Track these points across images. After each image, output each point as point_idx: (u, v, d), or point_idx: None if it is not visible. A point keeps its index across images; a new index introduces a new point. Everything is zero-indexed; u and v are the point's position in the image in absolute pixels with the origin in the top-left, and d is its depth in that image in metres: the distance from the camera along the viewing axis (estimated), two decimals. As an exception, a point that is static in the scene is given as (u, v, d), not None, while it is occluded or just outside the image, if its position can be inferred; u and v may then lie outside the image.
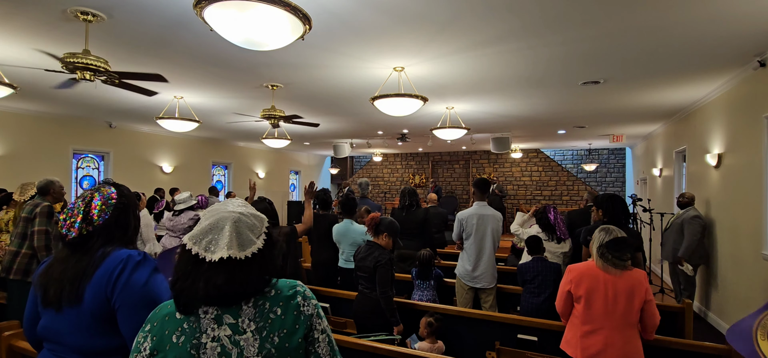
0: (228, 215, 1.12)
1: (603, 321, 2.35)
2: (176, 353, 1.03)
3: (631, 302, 2.35)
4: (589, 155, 13.29)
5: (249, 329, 1.07)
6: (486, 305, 3.94)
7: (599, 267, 2.41)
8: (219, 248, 1.07)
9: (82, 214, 1.43)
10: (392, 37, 3.66)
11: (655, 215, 7.30)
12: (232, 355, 1.04)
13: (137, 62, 4.37)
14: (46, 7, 3.13)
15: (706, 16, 3.16)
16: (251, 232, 1.13)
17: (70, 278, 1.37)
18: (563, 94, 5.70)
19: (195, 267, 1.06)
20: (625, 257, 2.38)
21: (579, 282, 2.43)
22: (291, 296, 1.14)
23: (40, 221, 3.52)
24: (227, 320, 1.06)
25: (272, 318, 1.09)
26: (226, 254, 1.06)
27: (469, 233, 3.95)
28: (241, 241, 1.10)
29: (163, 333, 1.06)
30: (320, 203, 4.74)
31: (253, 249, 1.11)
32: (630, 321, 2.36)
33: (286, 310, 1.11)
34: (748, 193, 4.47)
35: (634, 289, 2.36)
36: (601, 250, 2.41)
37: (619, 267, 2.38)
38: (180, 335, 1.05)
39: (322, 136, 10.60)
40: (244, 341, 1.05)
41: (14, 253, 3.51)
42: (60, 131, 7.89)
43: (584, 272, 2.45)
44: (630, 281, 2.37)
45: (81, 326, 1.35)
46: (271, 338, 1.07)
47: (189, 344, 1.04)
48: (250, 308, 1.09)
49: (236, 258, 1.07)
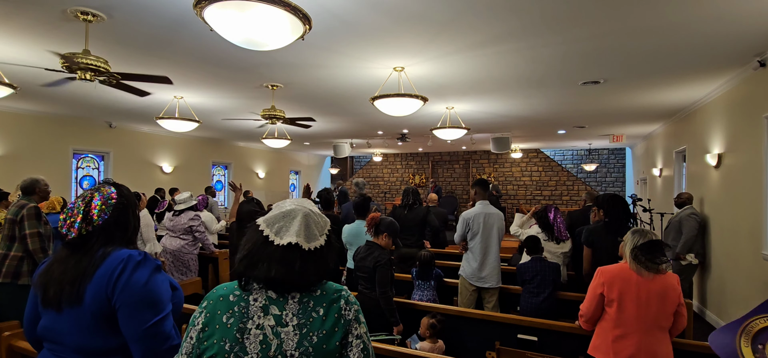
0: (300, 208, 1.20)
1: (635, 325, 2.29)
2: (223, 333, 1.10)
3: (664, 305, 2.29)
4: (589, 155, 13.29)
5: (291, 323, 1.12)
6: (489, 306, 3.93)
7: (632, 269, 2.34)
8: (288, 233, 1.15)
9: (82, 214, 1.43)
10: (392, 37, 3.66)
11: (655, 215, 7.31)
12: (272, 345, 1.09)
13: (137, 62, 4.37)
14: (46, 7, 3.13)
15: (705, 16, 3.16)
16: (317, 229, 1.21)
17: (70, 279, 1.37)
18: (563, 94, 5.70)
19: (262, 247, 1.14)
20: (660, 259, 2.31)
21: (611, 285, 2.36)
22: (335, 298, 1.18)
23: (29, 224, 3.44)
24: (273, 311, 1.12)
25: (314, 317, 1.14)
26: (294, 240, 1.14)
27: (476, 233, 3.90)
28: (308, 234, 1.18)
29: (215, 312, 1.13)
30: (322, 202, 4.73)
31: (317, 244, 1.18)
32: (662, 325, 2.30)
33: (328, 312, 1.15)
34: (748, 193, 4.47)
35: (667, 292, 2.30)
36: (635, 252, 2.33)
37: (653, 270, 2.30)
38: (229, 317, 1.11)
39: (322, 136, 10.60)
40: (284, 334, 1.10)
41: (2, 255, 3.44)
42: (60, 131, 7.89)
43: (616, 274, 2.38)
44: (663, 284, 2.31)
45: (81, 326, 1.35)
46: (310, 336, 1.11)
47: (235, 328, 1.10)
48: (295, 303, 1.14)
49: (301, 247, 1.14)
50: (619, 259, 2.60)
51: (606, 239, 3.38)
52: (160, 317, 1.38)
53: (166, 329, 1.39)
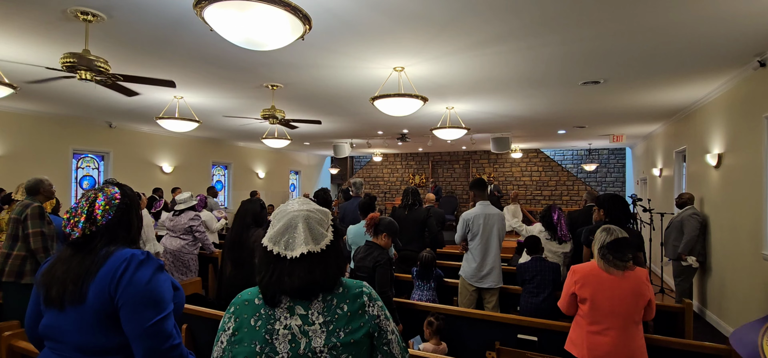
0: (298, 214, 1.22)
1: (610, 321, 2.35)
2: (253, 336, 1.14)
3: (636, 301, 2.35)
4: (589, 155, 13.29)
5: (317, 322, 1.15)
6: (489, 306, 3.93)
7: (601, 268, 2.42)
8: (297, 245, 1.18)
9: (86, 214, 1.43)
10: (392, 37, 3.65)
11: (655, 215, 7.31)
12: (302, 344, 1.13)
13: (137, 62, 4.37)
14: (46, 7, 3.13)
15: (706, 16, 3.16)
16: (321, 226, 1.23)
17: (74, 278, 1.37)
18: (563, 94, 5.70)
19: (277, 264, 1.17)
20: (626, 257, 2.38)
21: (583, 284, 2.43)
22: (358, 294, 1.22)
23: (33, 223, 3.46)
24: (299, 311, 1.16)
25: (339, 313, 1.18)
26: (306, 249, 1.17)
27: (476, 233, 3.90)
28: (315, 235, 1.20)
29: (242, 316, 1.18)
30: (319, 202, 4.73)
31: (327, 241, 1.21)
32: (635, 320, 2.37)
33: (353, 307, 1.19)
34: (748, 193, 4.47)
35: (638, 288, 2.36)
36: (603, 251, 2.41)
37: (620, 268, 2.38)
38: (257, 319, 1.16)
39: (322, 136, 10.60)
40: (312, 332, 1.14)
41: (6, 255, 3.46)
42: (60, 131, 7.89)
43: (588, 272, 2.44)
44: (634, 280, 2.37)
45: (83, 325, 1.36)
46: (336, 332, 1.15)
47: (264, 330, 1.14)
48: (319, 302, 1.18)
49: (314, 252, 1.18)
50: None
51: (606, 239, 3.39)
52: (162, 316, 1.38)
53: (168, 328, 1.39)
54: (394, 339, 1.23)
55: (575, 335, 2.49)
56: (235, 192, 12.18)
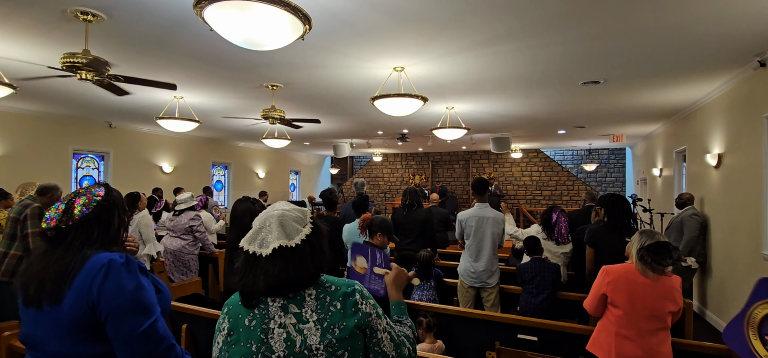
0: (273, 213, 1.24)
1: (640, 326, 2.30)
2: (248, 335, 1.16)
3: (667, 306, 2.31)
4: (589, 155, 13.29)
5: (311, 319, 1.17)
6: (488, 304, 3.94)
7: (638, 270, 2.34)
8: (270, 242, 1.19)
9: (64, 207, 1.40)
10: (392, 37, 3.65)
11: (655, 215, 7.31)
12: (297, 342, 1.14)
13: (137, 62, 4.37)
14: (46, 7, 3.13)
15: (705, 16, 3.16)
16: (297, 223, 1.24)
17: (52, 277, 1.32)
18: (563, 94, 5.70)
19: (253, 264, 1.18)
20: (665, 262, 2.31)
21: (616, 286, 2.36)
22: (350, 292, 1.22)
23: (32, 223, 3.46)
24: (292, 310, 1.17)
25: (332, 311, 1.19)
26: (278, 244, 1.18)
27: (469, 234, 3.99)
28: (288, 232, 1.21)
29: (237, 316, 1.19)
30: (325, 202, 4.70)
31: (301, 236, 1.21)
32: (665, 325, 2.32)
33: (345, 305, 1.20)
34: (748, 193, 4.47)
35: (671, 294, 2.31)
36: (642, 253, 2.33)
37: (658, 272, 2.30)
38: (251, 319, 1.17)
39: (322, 136, 10.60)
40: (307, 330, 1.15)
41: (2, 254, 3.47)
42: (60, 131, 7.89)
43: (622, 275, 2.38)
44: (667, 286, 2.32)
45: (61, 334, 1.31)
46: (331, 329, 1.16)
47: (259, 329, 1.16)
48: (312, 300, 1.19)
49: (287, 246, 1.18)
50: (623, 258, 2.60)
51: (608, 239, 3.39)
52: (153, 320, 1.35)
53: (161, 330, 1.36)
54: (385, 337, 1.24)
55: (601, 338, 2.42)
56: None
